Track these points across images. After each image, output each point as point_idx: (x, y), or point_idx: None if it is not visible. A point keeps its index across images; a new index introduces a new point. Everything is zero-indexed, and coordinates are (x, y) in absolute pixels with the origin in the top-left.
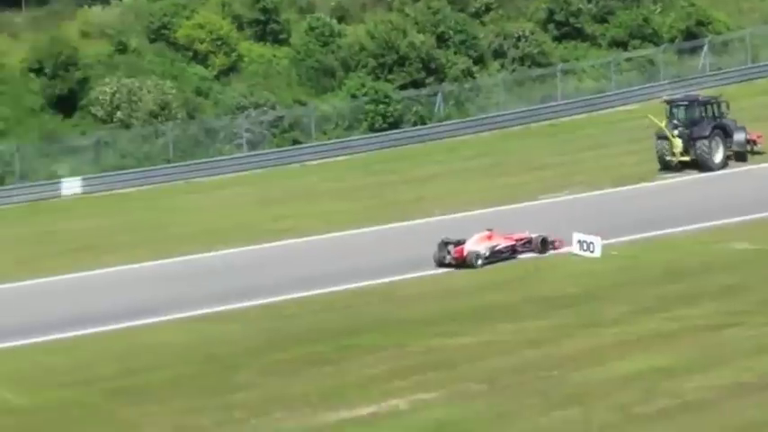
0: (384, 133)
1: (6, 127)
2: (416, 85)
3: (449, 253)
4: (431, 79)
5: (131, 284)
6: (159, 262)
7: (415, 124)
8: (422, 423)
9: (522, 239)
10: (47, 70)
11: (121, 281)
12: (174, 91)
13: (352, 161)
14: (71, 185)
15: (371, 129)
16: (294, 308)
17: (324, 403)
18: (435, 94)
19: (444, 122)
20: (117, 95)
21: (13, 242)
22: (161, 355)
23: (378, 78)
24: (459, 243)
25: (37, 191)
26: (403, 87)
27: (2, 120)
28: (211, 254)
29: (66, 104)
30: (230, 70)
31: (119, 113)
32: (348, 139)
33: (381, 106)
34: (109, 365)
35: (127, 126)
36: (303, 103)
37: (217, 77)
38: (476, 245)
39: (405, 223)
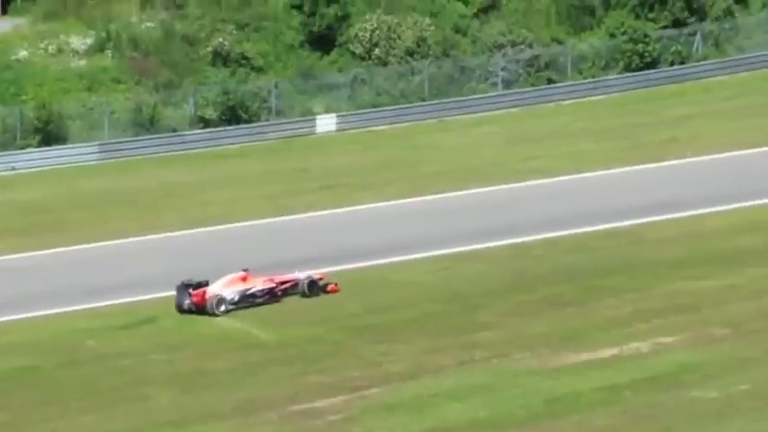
0: (640, 73)
1: (265, 63)
2: (677, 24)
3: (189, 296)
4: (692, 19)
5: (383, 222)
6: (411, 200)
7: (672, 64)
8: (663, 366)
9: (285, 282)
10: (306, 7)
11: (373, 218)
12: (432, 28)
13: (607, 101)
14: (326, 122)
15: (627, 68)
16: (542, 248)
17: (565, 344)
18: (694, 34)
19: (702, 63)
20: (376, 32)
21: (265, 178)
22: (407, 294)
23: (638, 17)
24: (201, 285)
25: (291, 127)
26: (664, 27)
27: (261, 56)
28: (463, 192)
29: (324, 41)
30: (490, 8)
31: (376, 51)
32: (603, 78)
33: (639, 45)
34: (355, 303)
35: (384, 63)
36: (560, 42)
37: (476, 15)
38: (222, 288)
39: (656, 164)
